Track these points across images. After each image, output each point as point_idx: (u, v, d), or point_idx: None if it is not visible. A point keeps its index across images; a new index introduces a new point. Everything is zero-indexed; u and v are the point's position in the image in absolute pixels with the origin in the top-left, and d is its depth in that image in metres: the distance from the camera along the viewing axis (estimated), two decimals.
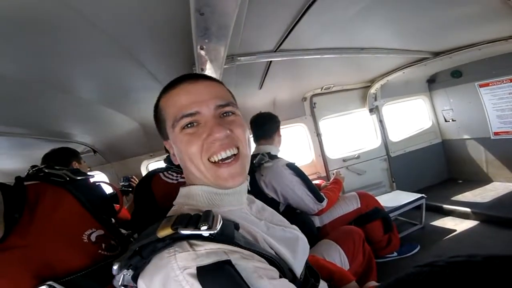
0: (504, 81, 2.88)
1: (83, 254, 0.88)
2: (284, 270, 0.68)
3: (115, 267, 0.57)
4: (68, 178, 1.09)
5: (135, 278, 0.58)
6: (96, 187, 1.38)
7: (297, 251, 0.79)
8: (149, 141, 2.81)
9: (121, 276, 0.58)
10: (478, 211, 2.68)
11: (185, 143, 0.72)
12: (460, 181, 3.65)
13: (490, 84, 3.02)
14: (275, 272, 0.62)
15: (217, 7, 0.99)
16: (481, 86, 3.11)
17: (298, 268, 0.77)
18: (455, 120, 3.60)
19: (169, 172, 1.51)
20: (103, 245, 0.97)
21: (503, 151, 3.16)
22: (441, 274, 0.51)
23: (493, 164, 3.31)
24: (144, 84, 1.73)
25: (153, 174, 1.53)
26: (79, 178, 1.15)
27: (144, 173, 2.90)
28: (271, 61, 1.93)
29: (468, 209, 2.75)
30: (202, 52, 1.34)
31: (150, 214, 1.35)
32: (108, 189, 1.51)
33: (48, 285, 0.68)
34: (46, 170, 1.08)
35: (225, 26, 1.12)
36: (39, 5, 0.84)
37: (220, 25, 1.11)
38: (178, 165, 0.84)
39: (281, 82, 2.65)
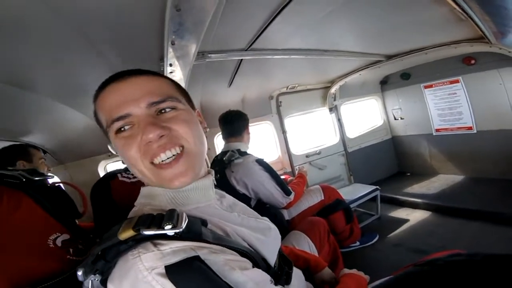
0: (445, 83, 3.24)
1: (51, 260, 0.83)
2: (257, 261, 0.67)
3: (79, 273, 0.54)
4: (24, 179, 1.02)
5: (104, 283, 0.55)
6: (57, 188, 1.28)
7: (270, 240, 0.81)
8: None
9: (89, 281, 0.55)
10: (427, 201, 2.97)
11: (121, 147, 0.66)
12: (408, 174, 4.03)
13: (434, 86, 3.37)
14: (247, 263, 0.62)
15: (196, 3, 0.97)
16: (425, 87, 3.46)
17: (272, 257, 0.77)
18: (403, 118, 3.96)
19: (127, 172, 1.44)
20: (71, 250, 0.93)
21: (443, 146, 3.56)
22: (442, 273, 0.53)
23: (436, 158, 3.70)
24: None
25: (111, 175, 1.45)
26: (37, 178, 1.07)
27: (102, 174, 2.70)
28: (242, 59, 1.94)
29: (418, 200, 3.04)
30: (173, 48, 1.30)
31: (111, 217, 1.28)
32: None
33: None
34: None
35: (200, 22, 1.11)
36: None
37: (195, 21, 1.09)
38: None
39: (250, 81, 2.67)
